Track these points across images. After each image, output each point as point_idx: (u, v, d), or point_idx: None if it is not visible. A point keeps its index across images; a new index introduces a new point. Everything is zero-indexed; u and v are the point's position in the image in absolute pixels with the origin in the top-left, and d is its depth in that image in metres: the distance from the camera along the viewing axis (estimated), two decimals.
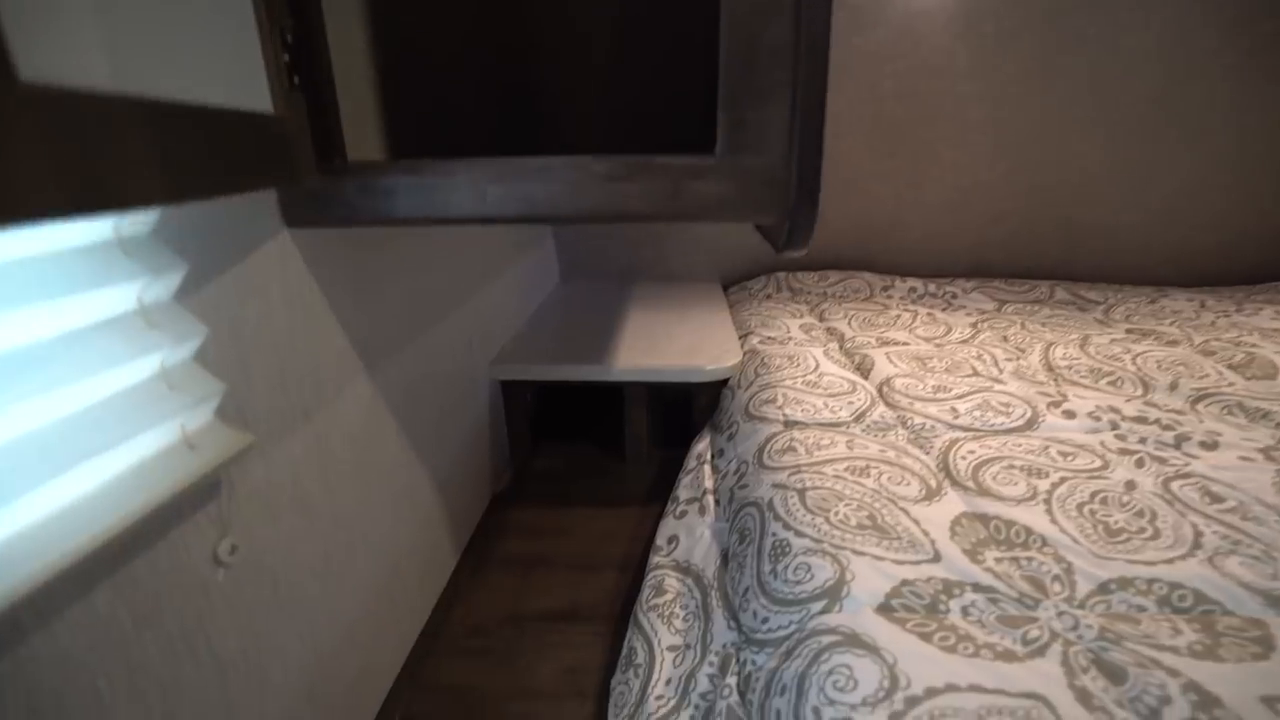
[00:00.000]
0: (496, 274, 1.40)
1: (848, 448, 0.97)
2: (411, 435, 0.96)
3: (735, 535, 0.88)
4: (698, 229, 2.03)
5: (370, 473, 0.83)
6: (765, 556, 0.78)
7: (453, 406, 1.13)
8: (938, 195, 1.91)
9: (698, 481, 1.10)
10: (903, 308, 1.76)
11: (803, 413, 1.10)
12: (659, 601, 0.88)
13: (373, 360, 0.84)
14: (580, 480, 1.43)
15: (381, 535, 0.86)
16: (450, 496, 1.11)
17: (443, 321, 1.08)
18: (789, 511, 0.82)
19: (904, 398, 1.16)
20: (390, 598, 0.88)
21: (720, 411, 1.29)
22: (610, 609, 1.04)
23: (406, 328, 0.94)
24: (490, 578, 1.12)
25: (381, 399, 0.86)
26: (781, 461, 0.95)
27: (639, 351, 1.41)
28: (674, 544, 0.99)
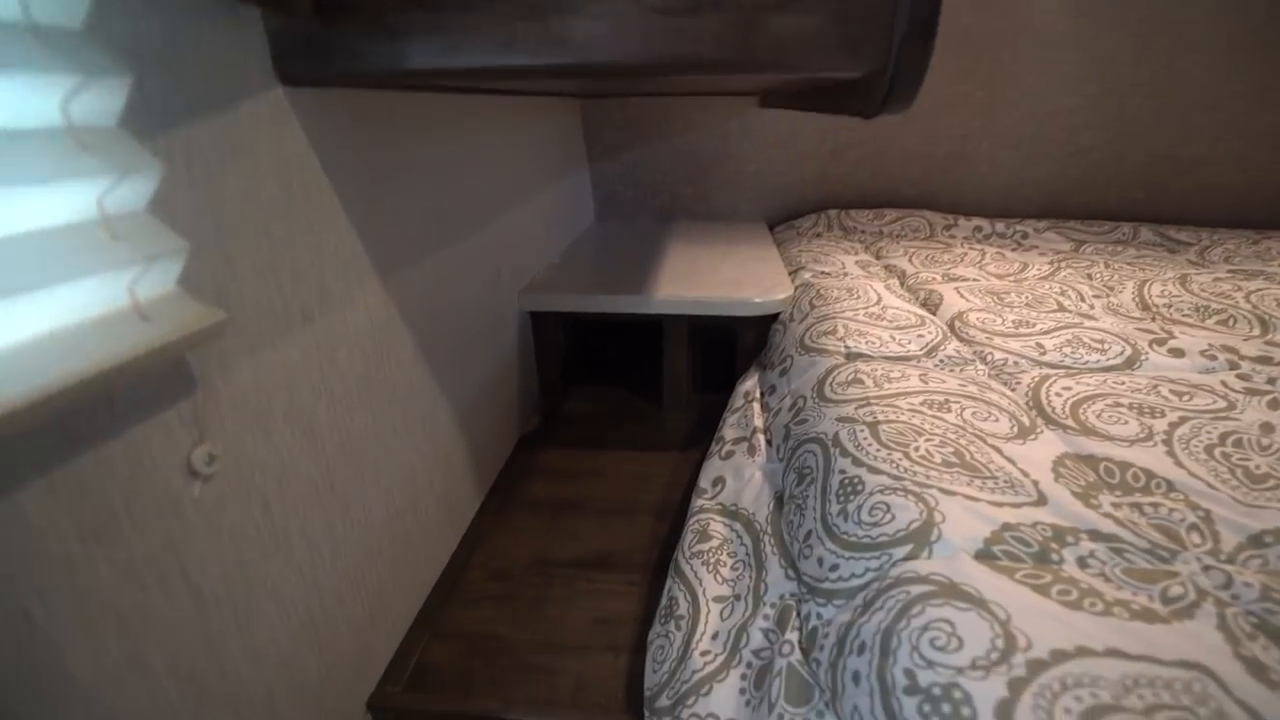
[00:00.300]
0: (527, 199, 1.28)
1: (921, 381, 0.85)
2: (431, 361, 0.86)
3: (792, 475, 0.78)
4: (742, 164, 1.88)
5: (383, 395, 0.74)
6: (832, 496, 0.67)
7: (478, 337, 1.04)
8: (1012, 125, 1.73)
9: (746, 420, 0.99)
10: (968, 246, 1.60)
11: (866, 345, 0.97)
12: (703, 548, 0.79)
13: (388, 267, 0.74)
14: (614, 424, 1.33)
15: (396, 466, 0.77)
16: (474, 433, 1.02)
17: (468, 240, 0.98)
18: (859, 446, 0.70)
19: (980, 333, 1.03)
20: (405, 536, 0.80)
21: (770, 348, 1.17)
22: (646, 557, 0.94)
23: (428, 238, 0.84)
24: (515, 521, 1.03)
25: (397, 313, 0.77)
26: (846, 394, 0.83)
27: (681, 283, 1.29)
28: (719, 486, 0.88)
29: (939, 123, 1.74)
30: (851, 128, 1.79)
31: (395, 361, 0.77)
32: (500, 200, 1.13)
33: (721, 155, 1.87)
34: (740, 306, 1.21)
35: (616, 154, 1.89)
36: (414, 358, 0.82)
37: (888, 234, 1.78)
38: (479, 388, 1.04)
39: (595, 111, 1.83)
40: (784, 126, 1.80)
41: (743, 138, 1.83)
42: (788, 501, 0.76)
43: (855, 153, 1.82)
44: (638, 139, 1.86)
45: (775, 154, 1.85)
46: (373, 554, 0.72)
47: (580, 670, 0.76)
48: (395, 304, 0.77)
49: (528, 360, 1.31)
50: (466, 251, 0.98)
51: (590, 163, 1.91)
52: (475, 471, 1.03)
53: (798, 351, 1.02)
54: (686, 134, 1.84)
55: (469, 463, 1.01)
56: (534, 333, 1.32)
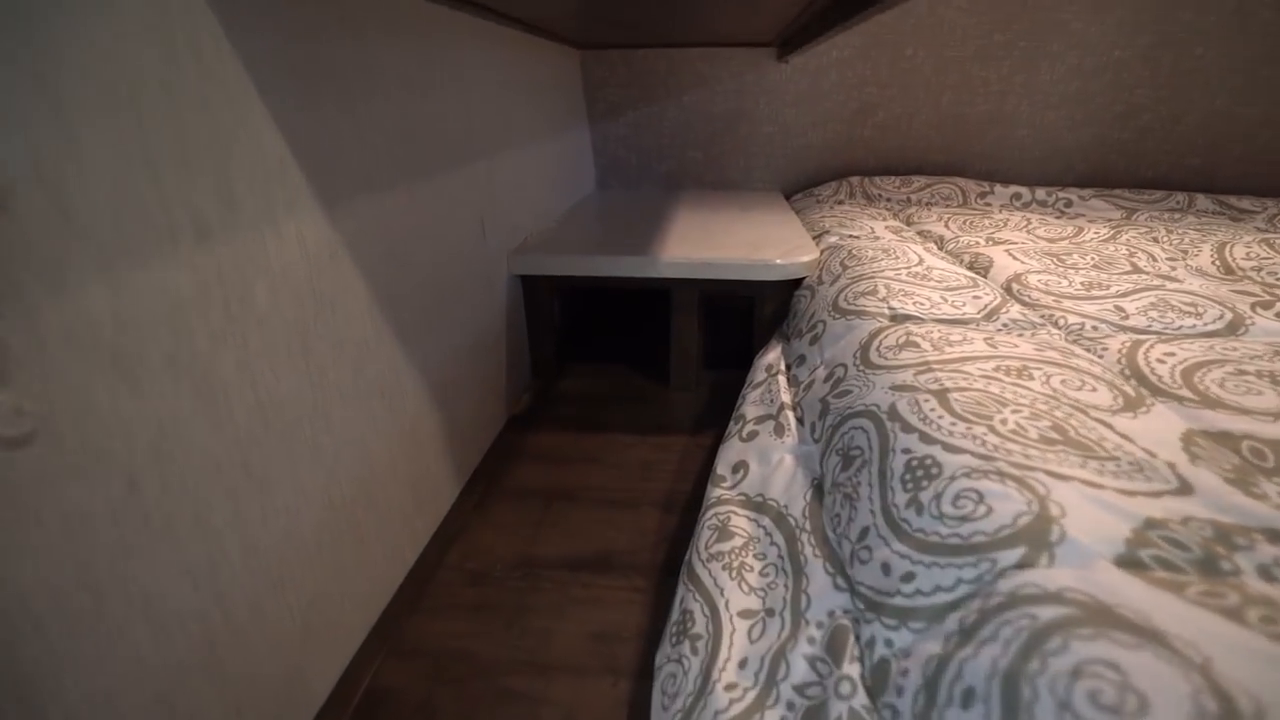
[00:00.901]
0: (519, 149, 1.13)
1: (989, 345, 0.69)
2: (396, 320, 0.71)
3: (835, 458, 0.62)
4: (756, 126, 1.72)
5: (325, 354, 0.59)
6: (895, 482, 0.52)
7: (458, 299, 0.88)
8: (1056, 81, 1.57)
9: (770, 395, 0.84)
10: (1008, 213, 1.45)
11: (914, 306, 0.82)
12: (724, 548, 0.63)
13: (334, 193, 0.59)
14: (615, 404, 1.18)
15: (343, 444, 0.62)
16: (452, 410, 0.87)
17: (445, 180, 0.82)
18: (926, 419, 0.55)
19: (1046, 295, 0.87)
20: (355, 530, 0.65)
21: (795, 316, 1.02)
22: (652, 557, 0.79)
23: (392, 167, 0.69)
24: (499, 512, 0.88)
25: (347, 254, 0.62)
26: (900, 358, 0.68)
27: (692, 245, 1.14)
28: (741, 473, 0.73)
29: (975, 77, 1.58)
30: (878, 85, 1.62)
31: (344, 313, 0.62)
32: (486, 143, 0.98)
33: (735, 116, 1.71)
34: (760, 270, 1.06)
35: (619, 113, 1.73)
36: (370, 312, 0.66)
37: (917, 201, 1.62)
38: (459, 358, 0.89)
39: (596, 66, 1.67)
40: (803, 83, 1.65)
41: (758, 96, 1.67)
42: (830, 490, 0.61)
43: (882, 113, 1.66)
44: (643, 97, 1.70)
45: (793, 115, 1.69)
46: (307, 551, 0.57)
47: (571, 700, 0.61)
48: (344, 242, 0.61)
49: (518, 332, 1.15)
50: (443, 193, 0.82)
51: (591, 123, 1.75)
52: (452, 454, 0.88)
53: (831, 315, 0.86)
54: (696, 91, 1.68)
55: (444, 444, 0.85)
56: (525, 300, 1.17)
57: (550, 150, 1.36)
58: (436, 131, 0.81)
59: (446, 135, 0.84)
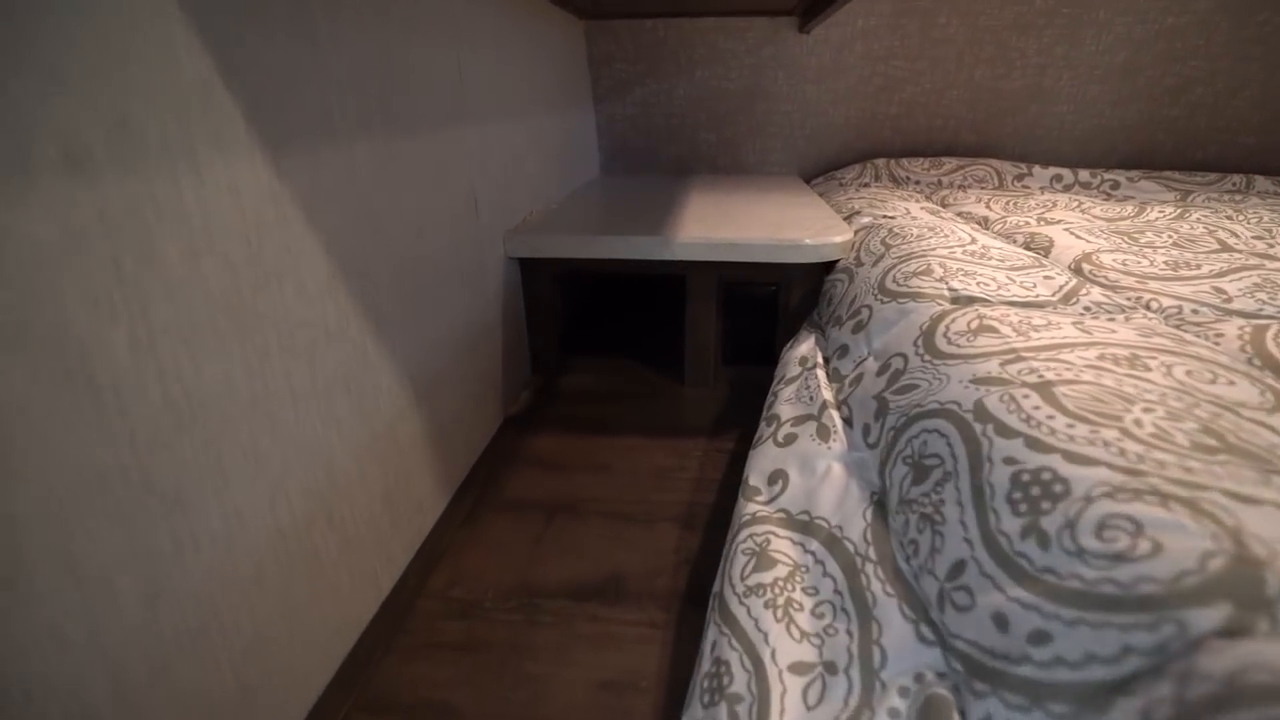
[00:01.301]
0: (517, 119, 1.01)
1: (1080, 330, 0.57)
2: (367, 301, 0.59)
3: (903, 468, 0.50)
4: (774, 104, 1.60)
5: (268, 337, 0.47)
6: (1001, 501, 0.39)
7: (444, 280, 0.76)
8: (1100, 52, 1.44)
9: (808, 392, 0.72)
10: (1053, 195, 1.32)
11: (978, 287, 0.70)
12: (764, 579, 0.51)
13: (283, 135, 0.47)
14: (624, 403, 1.06)
15: (292, 450, 0.50)
16: (437, 410, 0.75)
17: (430, 140, 0.70)
18: (1030, 419, 0.43)
19: (1126, 275, 0.75)
20: (311, 557, 0.53)
21: (830, 303, 0.90)
22: (671, 583, 0.67)
23: (362, 112, 0.57)
24: (492, 530, 0.76)
25: (298, 213, 0.50)
26: (977, 345, 0.55)
27: (710, 225, 1.02)
28: (780, 484, 0.61)
29: (1012, 48, 1.46)
30: (906, 58, 1.50)
31: (296, 289, 0.50)
32: (479, 106, 0.86)
33: (751, 93, 1.58)
34: (787, 251, 0.94)
35: (626, 91, 1.61)
36: (332, 290, 0.54)
37: (948, 184, 1.50)
38: (445, 350, 0.77)
39: (601, 38, 1.55)
40: (825, 57, 1.52)
41: (776, 71, 1.55)
42: (898, 509, 0.49)
43: (910, 89, 1.54)
44: (651, 73, 1.58)
45: (814, 91, 1.57)
46: (241, 588, 0.45)
47: None
48: (297, 199, 0.49)
49: (515, 322, 1.03)
50: (428, 156, 0.70)
51: (595, 102, 1.63)
52: (438, 461, 0.76)
53: (878, 299, 0.74)
54: (709, 66, 1.56)
55: (428, 449, 0.73)
56: (524, 287, 1.05)
57: (550, 127, 1.24)
58: (421, 79, 0.69)
59: (433, 86, 0.72)
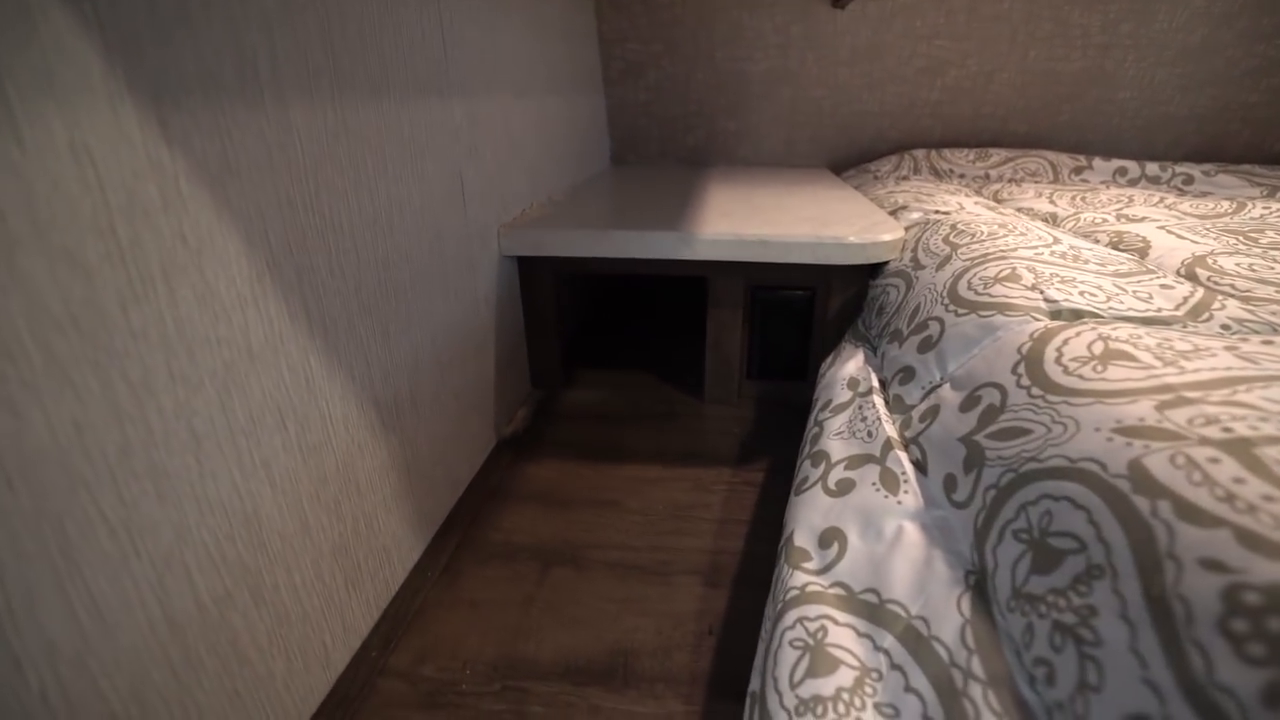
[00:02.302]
0: (515, 96, 0.88)
1: (1241, 359, 0.43)
2: (311, 310, 0.47)
3: (1017, 547, 0.37)
4: (803, 89, 1.46)
5: (146, 361, 0.34)
6: (1207, 633, 0.26)
7: (422, 281, 0.63)
8: (1173, 30, 1.29)
9: (866, 425, 0.58)
10: (1119, 190, 1.18)
11: (1083, 298, 0.56)
12: (824, 689, 0.38)
13: (151, 73, 0.34)
14: (636, 424, 0.93)
15: (196, 511, 0.37)
16: (411, 436, 0.62)
17: (403, 108, 0.57)
18: (1232, 497, 0.29)
19: (1260, 284, 0.61)
20: (227, 643, 0.40)
21: (881, 312, 0.76)
22: (693, 662, 0.54)
23: (301, 69, 0.44)
24: (476, 584, 0.63)
25: (205, 198, 0.37)
26: (1111, 378, 0.42)
27: (737, 220, 0.88)
28: (835, 549, 0.47)
29: (1073, 25, 1.31)
30: (952, 37, 1.36)
31: (195, 294, 0.37)
32: (468, 78, 0.73)
33: (777, 76, 1.45)
34: (829, 250, 0.80)
35: (639, 74, 1.48)
36: (255, 297, 0.42)
37: (997, 178, 1.35)
38: (422, 366, 0.64)
39: (614, 15, 1.42)
40: (861, 35, 1.38)
41: (805, 51, 1.41)
42: (1014, 604, 0.35)
43: (954, 72, 1.39)
44: (667, 54, 1.45)
45: (848, 75, 1.43)
46: (101, 709, 0.32)
47: None
48: (196, 172, 0.37)
49: (512, 330, 0.90)
50: (398, 130, 0.58)
51: (606, 87, 1.50)
52: (409, 500, 0.63)
53: (951, 310, 0.60)
54: (731, 47, 1.43)
55: (398, 487, 0.61)
56: (522, 290, 0.92)
57: (554, 110, 1.11)
58: (387, 34, 0.56)
59: (405, 44, 0.59)
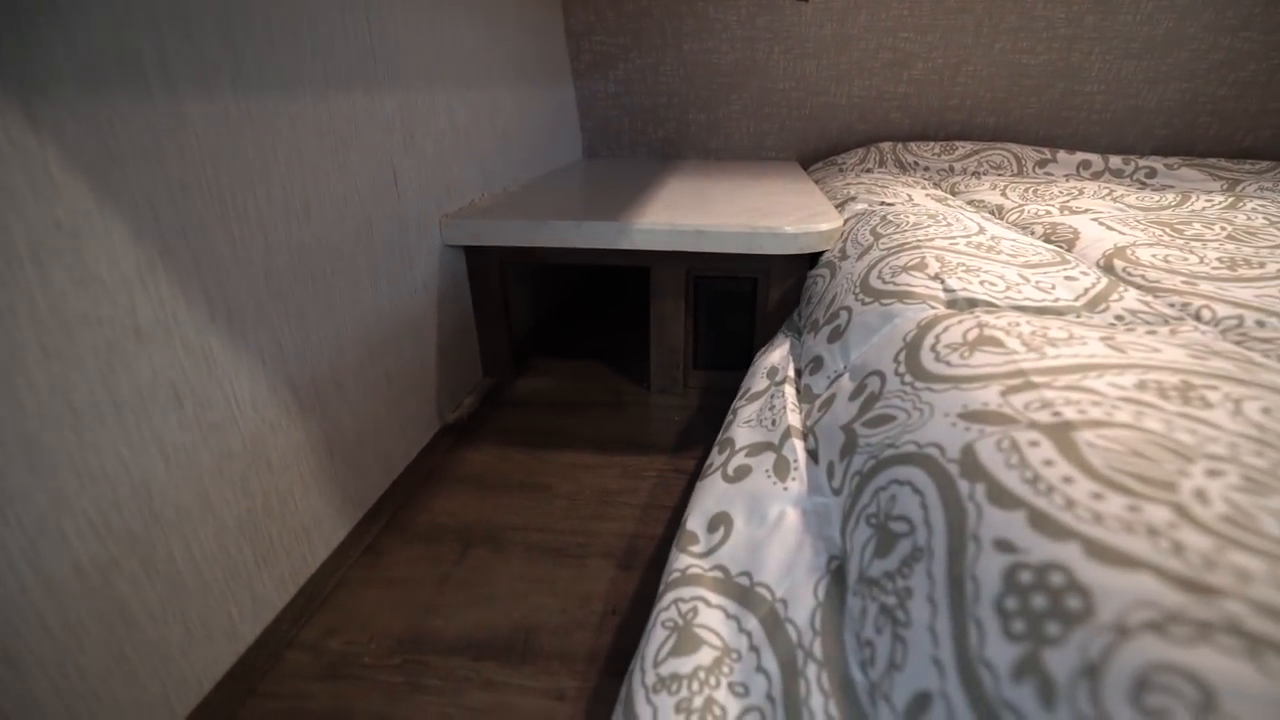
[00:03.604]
0: (462, 87, 0.88)
1: (1110, 347, 0.44)
2: (204, 289, 0.48)
3: (866, 530, 0.38)
4: (770, 81, 1.46)
5: (7, 332, 0.35)
6: (987, 608, 0.27)
7: (346, 267, 0.64)
8: (1139, 22, 1.29)
9: (771, 414, 0.59)
10: (1079, 184, 1.18)
11: (982, 287, 0.56)
12: (682, 667, 0.39)
13: (23, 64, 0.35)
14: (581, 411, 0.94)
15: (72, 477, 0.39)
16: (331, 418, 0.63)
17: (317, 97, 0.58)
18: (1039, 480, 0.30)
19: (1170, 274, 0.61)
20: (116, 609, 0.42)
21: (809, 302, 0.77)
22: (593, 641, 0.55)
23: (191, 48, 0.45)
24: (395, 564, 0.65)
25: (72, 176, 0.38)
26: (973, 364, 0.42)
27: (680, 210, 0.89)
28: (721, 532, 0.48)
29: (1037, 16, 1.30)
30: (917, 29, 1.36)
31: (72, 277, 0.38)
32: (403, 69, 0.74)
33: (745, 68, 1.45)
34: (764, 240, 0.81)
35: (608, 67, 1.48)
36: (143, 279, 0.43)
37: (961, 171, 1.35)
38: (347, 350, 0.65)
39: (580, 7, 1.42)
40: (827, 29, 1.38)
41: (773, 44, 1.41)
42: (858, 588, 0.36)
43: (921, 65, 1.39)
44: (635, 46, 1.45)
45: (814, 67, 1.43)
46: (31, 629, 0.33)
47: None
48: (73, 161, 0.38)
49: (458, 318, 0.91)
50: (313, 122, 0.58)
51: (575, 80, 1.50)
52: (332, 481, 0.64)
53: (859, 299, 0.61)
54: (699, 39, 1.43)
55: (317, 467, 0.62)
56: (470, 280, 0.93)
57: (510, 102, 1.11)
58: (299, 27, 0.57)
59: (320, 37, 0.60)
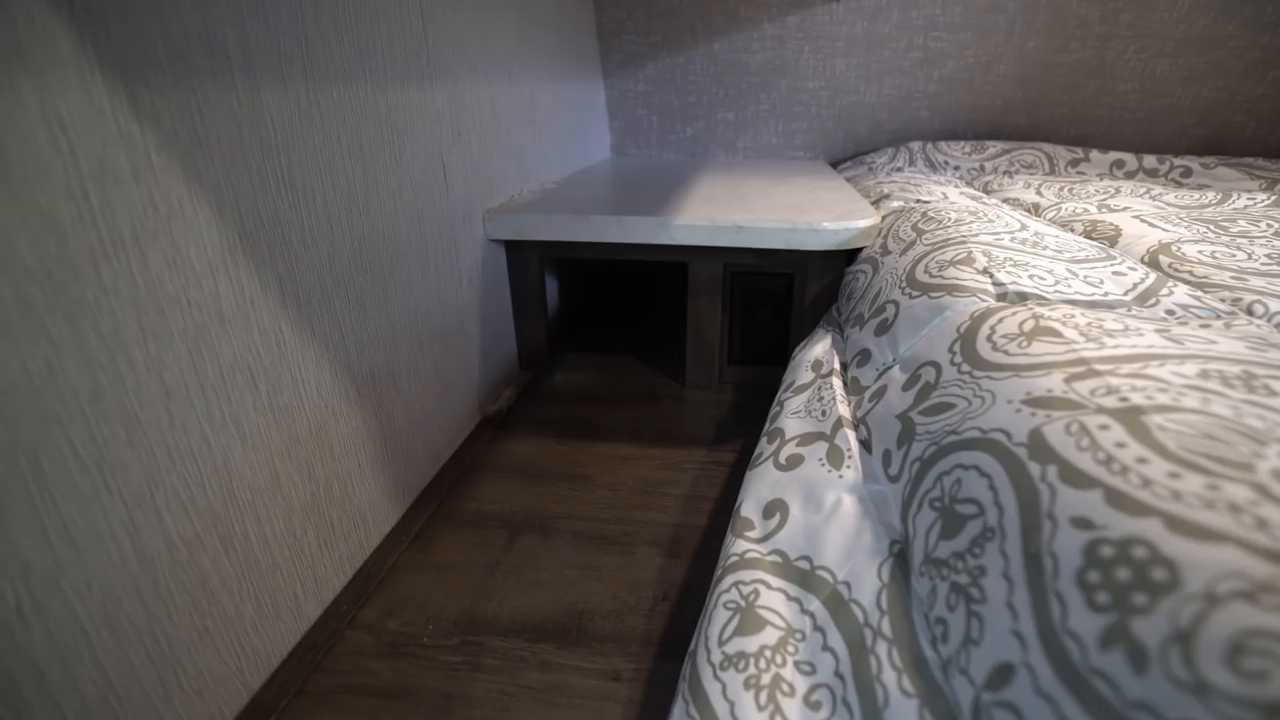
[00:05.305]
0: (503, 84, 0.90)
1: (1168, 339, 0.44)
2: (282, 278, 0.49)
3: (930, 514, 0.39)
4: (800, 80, 1.46)
5: (115, 319, 0.37)
6: (1069, 583, 0.28)
7: (399, 259, 0.66)
8: (1174, 20, 1.28)
9: (821, 405, 0.60)
10: (1113, 183, 1.17)
11: (1030, 280, 0.57)
12: (748, 646, 0.40)
13: (123, 51, 0.37)
14: (617, 405, 0.95)
15: (166, 459, 0.40)
16: (388, 407, 0.65)
17: (378, 89, 0.60)
18: (1111, 461, 0.31)
19: (1219, 270, 0.62)
20: (198, 585, 0.43)
21: (850, 297, 0.77)
22: (645, 625, 0.56)
23: (269, 46, 0.47)
24: (445, 548, 0.66)
25: (174, 167, 0.40)
26: (1033, 353, 0.43)
27: (717, 207, 0.90)
28: (777, 518, 0.49)
29: (1071, 16, 1.30)
30: (949, 28, 1.36)
31: (165, 259, 0.40)
32: (453, 63, 0.75)
33: (774, 67, 1.45)
34: (804, 235, 0.82)
35: (638, 66, 1.49)
36: (226, 265, 0.44)
37: (992, 170, 1.35)
38: (400, 341, 0.67)
39: (611, 6, 1.43)
40: (858, 27, 1.39)
41: (803, 43, 1.42)
42: (923, 568, 0.37)
43: (952, 64, 1.39)
44: (665, 45, 1.46)
45: (844, 66, 1.43)
46: (76, 630, 0.35)
47: None
48: (167, 146, 0.39)
49: (498, 312, 0.93)
50: (372, 113, 0.60)
51: (605, 78, 1.51)
52: (385, 469, 0.66)
53: (906, 293, 0.62)
54: (729, 38, 1.44)
55: (373, 455, 0.64)
56: (510, 273, 0.94)
57: (547, 99, 1.13)
58: (363, 20, 0.58)
59: (381, 30, 0.61)
